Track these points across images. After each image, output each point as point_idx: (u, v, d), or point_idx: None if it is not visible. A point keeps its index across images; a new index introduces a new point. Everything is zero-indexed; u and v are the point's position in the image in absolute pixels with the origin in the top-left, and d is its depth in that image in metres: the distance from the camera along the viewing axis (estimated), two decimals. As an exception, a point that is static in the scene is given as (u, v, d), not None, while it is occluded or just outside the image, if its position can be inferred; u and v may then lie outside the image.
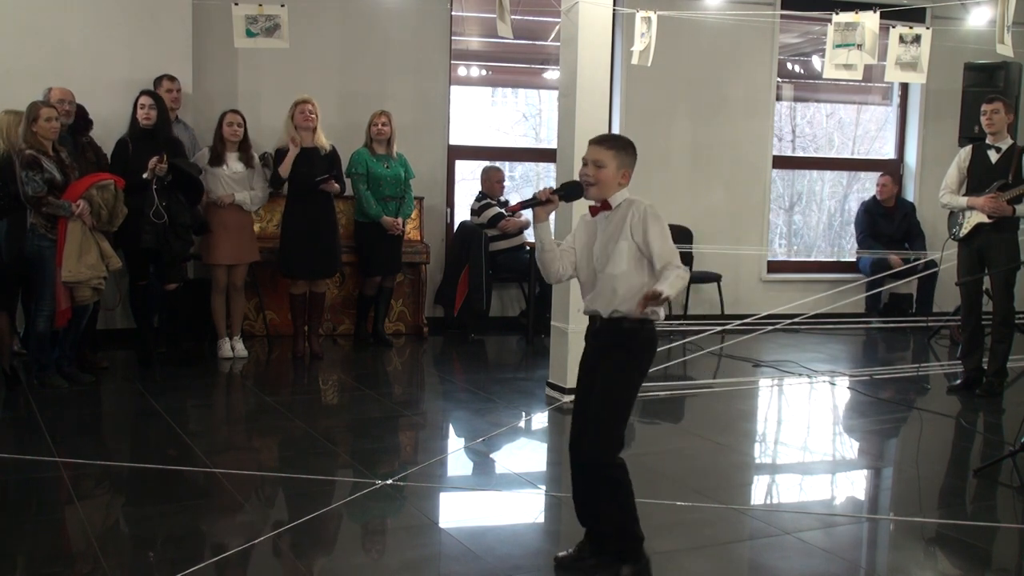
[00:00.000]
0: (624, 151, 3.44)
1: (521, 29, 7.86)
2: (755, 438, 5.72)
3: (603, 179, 3.39)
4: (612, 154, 3.40)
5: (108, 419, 5.87)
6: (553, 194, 3.43)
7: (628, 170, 3.43)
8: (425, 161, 8.20)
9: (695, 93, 8.95)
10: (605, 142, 3.47)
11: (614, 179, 3.40)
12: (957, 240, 6.44)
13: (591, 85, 5.86)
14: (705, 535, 3.52)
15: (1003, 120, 6.28)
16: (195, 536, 3.86)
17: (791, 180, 11.03)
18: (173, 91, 7.05)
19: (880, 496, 4.73)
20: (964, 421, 5.89)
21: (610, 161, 3.39)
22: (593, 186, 3.41)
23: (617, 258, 3.36)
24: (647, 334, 3.41)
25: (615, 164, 3.40)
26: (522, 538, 3.96)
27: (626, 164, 3.43)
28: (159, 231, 6.39)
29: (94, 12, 7.17)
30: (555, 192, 3.45)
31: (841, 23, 6.79)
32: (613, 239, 3.38)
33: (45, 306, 5.89)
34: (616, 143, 3.47)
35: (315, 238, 7.08)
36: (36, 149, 5.79)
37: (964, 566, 3.81)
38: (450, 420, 5.95)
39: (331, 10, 7.98)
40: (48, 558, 3.59)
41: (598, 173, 3.40)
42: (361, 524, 4.13)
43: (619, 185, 3.42)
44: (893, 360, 7.81)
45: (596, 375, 3.42)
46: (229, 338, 7.09)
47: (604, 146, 3.43)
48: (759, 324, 7.68)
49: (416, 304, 8.23)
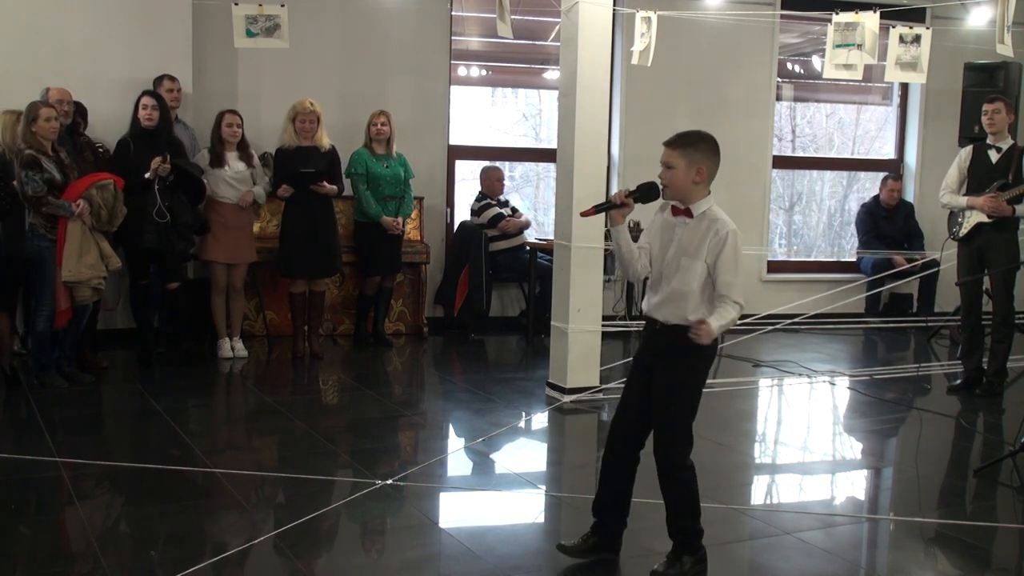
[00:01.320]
0: (694, 147, 3.35)
1: (521, 29, 7.85)
2: (755, 438, 5.72)
3: (674, 180, 3.35)
4: (679, 153, 3.34)
5: (108, 419, 5.87)
6: (628, 196, 3.40)
7: (703, 167, 3.34)
8: (425, 161, 8.20)
9: (695, 93, 8.94)
10: (673, 142, 3.40)
11: (687, 179, 3.33)
12: (957, 240, 6.43)
13: (591, 85, 5.86)
14: (705, 535, 3.52)
15: (1004, 120, 6.28)
16: (195, 536, 3.86)
17: (791, 180, 11.03)
18: (174, 91, 7.05)
19: (880, 496, 4.73)
20: (964, 421, 5.89)
21: (678, 161, 3.34)
22: (667, 187, 3.38)
23: (689, 276, 3.33)
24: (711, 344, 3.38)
25: (684, 163, 3.33)
26: (522, 538, 3.96)
27: (698, 161, 3.34)
28: (162, 231, 6.39)
29: (94, 12, 7.16)
30: (631, 194, 3.41)
31: (841, 23, 6.79)
32: (688, 254, 3.34)
33: (45, 306, 5.89)
34: (683, 141, 3.38)
35: (315, 238, 7.08)
36: (35, 149, 5.79)
37: (964, 566, 3.81)
38: (450, 420, 5.95)
39: (331, 10, 7.97)
40: (48, 558, 3.59)
41: (669, 175, 3.37)
42: (361, 524, 4.13)
43: (695, 184, 3.34)
44: (893, 360, 7.81)
45: (656, 379, 3.42)
46: (229, 338, 7.09)
47: (672, 146, 3.37)
48: (759, 324, 7.68)
49: (416, 304, 8.23)
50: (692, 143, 3.37)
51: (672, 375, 3.39)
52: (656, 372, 3.43)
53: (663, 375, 3.41)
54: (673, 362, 3.38)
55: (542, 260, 7.86)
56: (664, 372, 3.41)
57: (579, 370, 5.97)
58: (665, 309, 3.38)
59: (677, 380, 3.39)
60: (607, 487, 3.58)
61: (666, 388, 3.41)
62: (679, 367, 3.38)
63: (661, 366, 3.42)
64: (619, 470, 3.56)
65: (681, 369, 3.39)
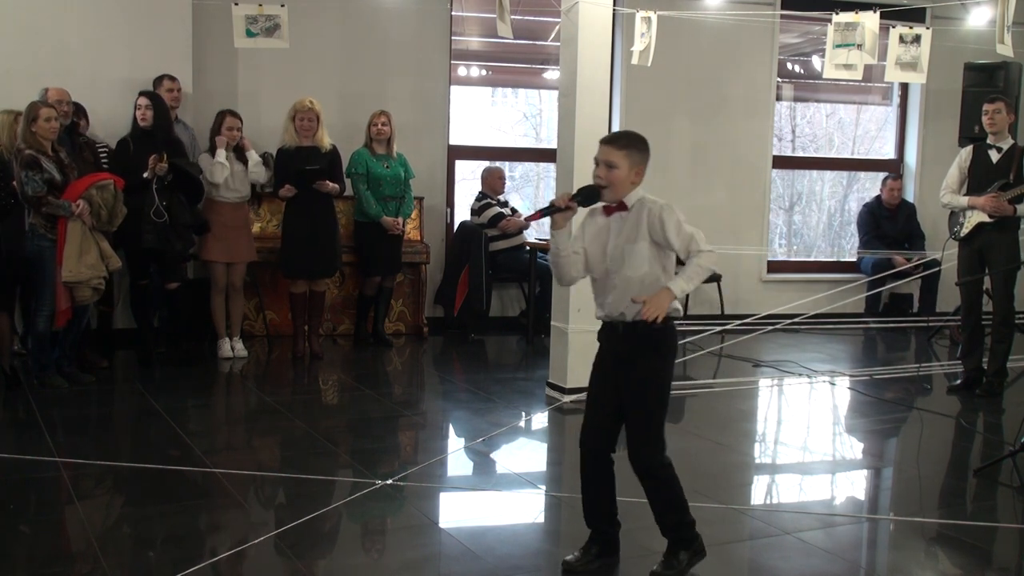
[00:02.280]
0: (635, 148, 3.37)
1: (521, 29, 7.85)
2: (755, 438, 5.71)
3: (616, 180, 3.34)
4: (623, 154, 3.34)
5: (108, 419, 5.87)
6: (572, 200, 3.38)
7: (641, 167, 3.37)
8: (425, 161, 8.20)
9: (695, 93, 8.94)
10: (616, 141, 3.40)
11: (627, 179, 3.34)
12: (958, 240, 6.43)
13: (591, 85, 5.86)
14: (705, 535, 3.52)
15: (1005, 120, 6.29)
16: (195, 536, 3.86)
17: (791, 180, 11.04)
18: (173, 91, 7.04)
19: (880, 496, 4.73)
20: (964, 421, 5.89)
21: (621, 161, 3.33)
22: (606, 188, 3.36)
23: (636, 260, 3.33)
24: (671, 332, 3.40)
25: (627, 164, 3.33)
26: (522, 538, 3.96)
27: (638, 162, 3.36)
28: (160, 231, 6.39)
29: (94, 12, 7.16)
30: (573, 198, 3.39)
31: (841, 23, 6.79)
32: (630, 240, 3.34)
33: (45, 306, 5.89)
34: (627, 141, 3.39)
35: (315, 238, 7.08)
36: (35, 149, 5.79)
37: (964, 566, 3.81)
38: (450, 420, 5.95)
39: (331, 10, 7.97)
40: (48, 558, 3.59)
41: (610, 174, 3.34)
42: (361, 524, 4.13)
43: (632, 184, 3.36)
44: (893, 360, 7.81)
45: (625, 381, 3.40)
46: (229, 338, 7.09)
47: (615, 146, 3.36)
48: (759, 324, 7.68)
49: (416, 304, 8.23)
50: (634, 144, 3.38)
51: (641, 375, 3.38)
52: (624, 374, 3.40)
53: (632, 376, 3.39)
54: (641, 362, 3.37)
55: (542, 260, 7.86)
56: (633, 373, 3.39)
57: (579, 370, 5.96)
58: (623, 304, 3.36)
59: (647, 380, 3.38)
60: (591, 496, 3.55)
61: (638, 389, 3.39)
62: (647, 366, 3.37)
63: (628, 368, 3.39)
64: (598, 476, 3.52)
65: (649, 368, 3.37)
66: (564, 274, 3.49)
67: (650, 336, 3.33)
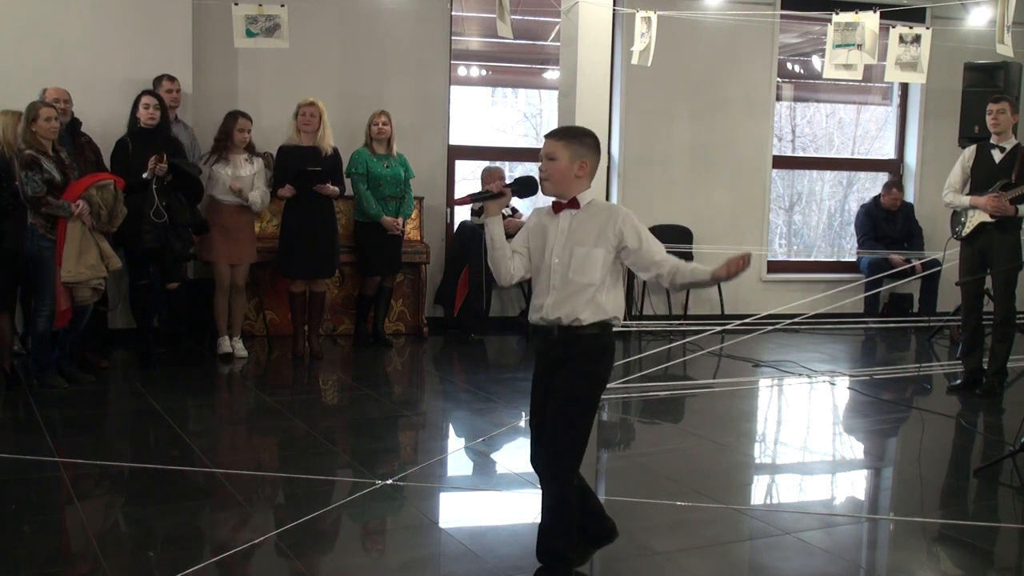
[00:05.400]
0: (577, 140, 3.21)
1: (521, 29, 7.86)
2: (755, 438, 5.71)
3: (556, 173, 3.18)
4: (562, 145, 3.19)
5: (108, 419, 5.86)
6: (506, 187, 3.28)
7: (586, 160, 3.20)
8: (425, 161, 8.20)
9: (695, 93, 8.95)
10: (556, 134, 3.27)
11: (568, 172, 3.18)
12: (959, 239, 6.43)
13: (591, 85, 5.87)
14: (705, 535, 3.52)
15: (1009, 120, 6.28)
16: (195, 536, 3.86)
17: (791, 180, 11.04)
18: (172, 91, 7.04)
19: (880, 496, 4.73)
20: (964, 421, 5.89)
21: (561, 152, 3.18)
22: (547, 181, 3.21)
23: (591, 267, 3.17)
24: (608, 339, 3.24)
25: (567, 155, 3.17)
26: (522, 538, 3.94)
27: (581, 155, 3.19)
28: (160, 231, 6.39)
29: (94, 12, 7.17)
30: (508, 185, 3.31)
31: (841, 23, 6.80)
32: (583, 243, 3.18)
33: (45, 306, 5.89)
34: (567, 133, 3.26)
35: (314, 238, 7.08)
36: (35, 149, 5.79)
37: (965, 566, 3.81)
38: (450, 420, 5.95)
39: (331, 10, 7.98)
40: (48, 558, 3.58)
41: (550, 167, 3.19)
42: (361, 524, 4.13)
43: (577, 178, 3.20)
44: (893, 360, 7.80)
45: (553, 386, 3.21)
46: (229, 338, 7.09)
47: (555, 138, 3.22)
48: (759, 324, 7.68)
49: (416, 304, 8.23)
50: (576, 136, 3.24)
51: (573, 375, 3.18)
52: (554, 379, 3.22)
53: (560, 381, 3.20)
54: (576, 362, 3.19)
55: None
56: (562, 378, 3.20)
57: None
58: (564, 307, 3.17)
59: (579, 378, 3.19)
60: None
61: (561, 395, 3.19)
62: (581, 366, 3.19)
63: (558, 372, 3.21)
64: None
65: (579, 372, 3.18)
66: (502, 270, 3.30)
67: (586, 340, 3.19)
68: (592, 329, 3.18)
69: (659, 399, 6.16)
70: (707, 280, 3.23)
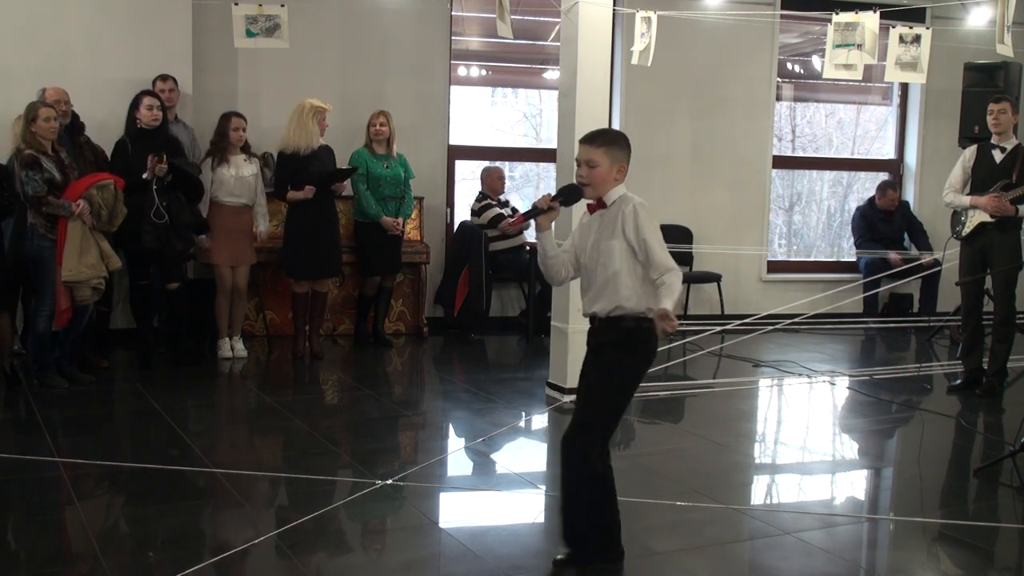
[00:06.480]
0: (616, 145, 3.37)
1: (521, 29, 7.86)
2: (755, 438, 5.71)
3: (597, 178, 3.35)
4: (603, 151, 3.34)
5: (108, 419, 5.86)
6: (553, 201, 3.40)
7: (623, 164, 3.38)
8: (425, 161, 8.20)
9: (695, 93, 8.95)
10: (595, 140, 3.39)
11: (608, 176, 3.34)
12: (959, 239, 6.43)
13: (591, 85, 5.86)
14: (705, 535, 3.52)
15: (1010, 120, 6.29)
16: (195, 536, 3.86)
17: (791, 180, 11.03)
18: (166, 90, 7.02)
19: (880, 496, 4.73)
20: (964, 421, 5.89)
21: (602, 159, 3.33)
22: (589, 186, 3.37)
23: (610, 259, 3.32)
24: (645, 332, 3.34)
25: (607, 161, 3.34)
26: (522, 538, 3.95)
27: (619, 159, 3.36)
28: (160, 231, 6.39)
29: (94, 12, 7.16)
30: (555, 199, 3.41)
31: (841, 23, 6.79)
32: (606, 237, 3.35)
33: (45, 306, 5.90)
34: (606, 139, 3.39)
35: (318, 238, 7.09)
36: (35, 149, 5.79)
37: (965, 566, 3.81)
38: (450, 420, 5.95)
39: (331, 10, 7.98)
40: (48, 558, 3.59)
41: (592, 174, 3.35)
42: (361, 524, 4.13)
43: (615, 181, 3.36)
44: (893, 360, 7.80)
45: (590, 370, 3.41)
46: (229, 338, 7.09)
47: (594, 144, 3.36)
48: (759, 324, 7.68)
49: (416, 304, 8.23)
50: (613, 141, 3.38)
51: (609, 362, 3.35)
52: (592, 364, 3.41)
53: (597, 365, 3.39)
54: (613, 350, 3.35)
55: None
56: (598, 362, 3.38)
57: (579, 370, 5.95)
58: (601, 301, 3.35)
59: (614, 366, 3.35)
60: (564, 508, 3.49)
61: (597, 376, 3.37)
62: (617, 355, 3.35)
63: (597, 358, 3.40)
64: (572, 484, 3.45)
65: (616, 360, 3.35)
66: (554, 275, 3.52)
67: (621, 332, 3.33)
68: (627, 323, 3.31)
69: (659, 399, 6.16)
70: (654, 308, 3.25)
